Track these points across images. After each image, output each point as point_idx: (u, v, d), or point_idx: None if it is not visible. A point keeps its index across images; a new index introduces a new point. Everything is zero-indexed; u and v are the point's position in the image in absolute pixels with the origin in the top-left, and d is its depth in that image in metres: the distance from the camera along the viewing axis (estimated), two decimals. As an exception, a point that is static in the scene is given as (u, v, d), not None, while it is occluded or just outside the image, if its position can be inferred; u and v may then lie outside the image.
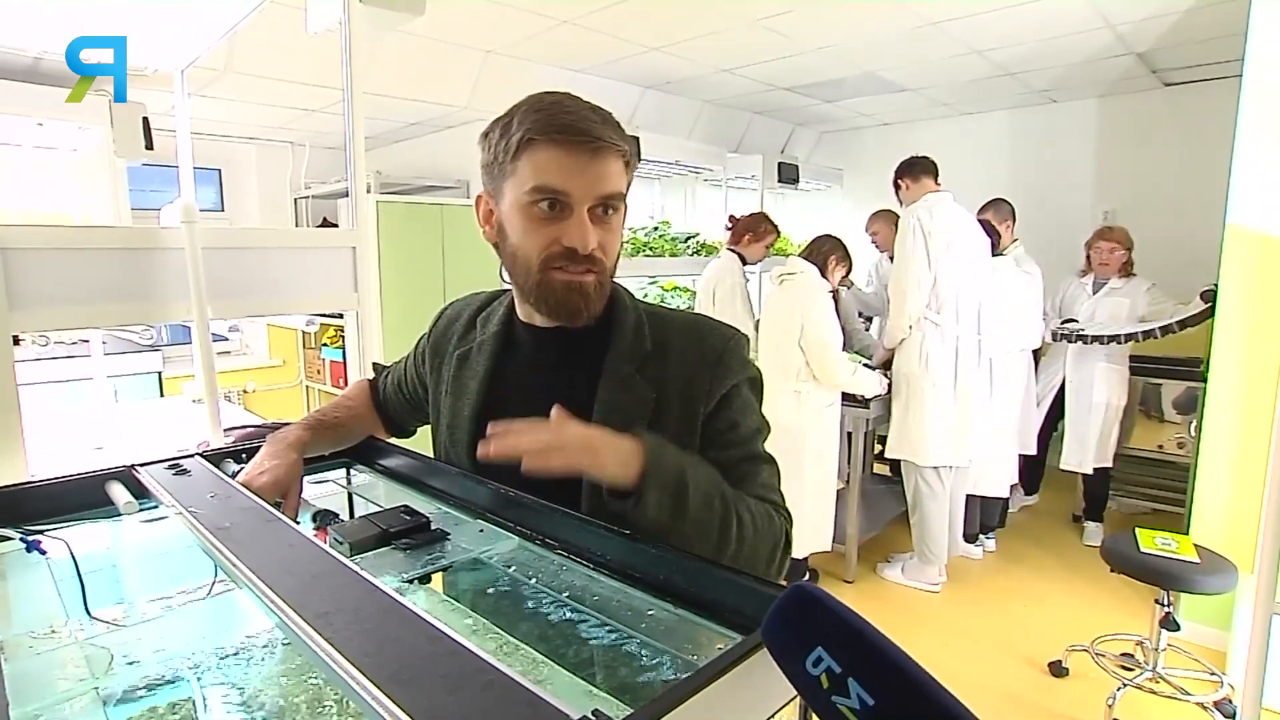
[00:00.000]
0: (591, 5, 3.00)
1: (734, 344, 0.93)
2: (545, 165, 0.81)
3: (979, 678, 2.61)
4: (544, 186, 0.81)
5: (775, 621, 0.44)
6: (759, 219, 3.80)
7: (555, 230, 0.83)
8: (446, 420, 1.01)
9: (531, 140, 0.81)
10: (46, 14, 2.11)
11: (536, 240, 0.84)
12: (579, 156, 0.81)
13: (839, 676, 0.38)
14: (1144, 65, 3.96)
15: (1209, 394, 2.75)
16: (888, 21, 3.26)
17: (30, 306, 1.47)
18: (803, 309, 2.98)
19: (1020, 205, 3.81)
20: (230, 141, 4.71)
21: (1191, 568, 2.30)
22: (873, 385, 3.18)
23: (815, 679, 0.39)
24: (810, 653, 0.40)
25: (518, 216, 0.85)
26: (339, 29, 1.90)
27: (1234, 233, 2.61)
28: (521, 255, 0.86)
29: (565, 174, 0.81)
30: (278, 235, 2.45)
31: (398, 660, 0.49)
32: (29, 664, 0.69)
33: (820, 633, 0.40)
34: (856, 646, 0.39)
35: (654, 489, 0.72)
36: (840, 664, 0.39)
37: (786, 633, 0.43)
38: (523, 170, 0.82)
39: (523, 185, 0.83)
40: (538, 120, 0.81)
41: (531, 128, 0.81)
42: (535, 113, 0.82)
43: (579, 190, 0.82)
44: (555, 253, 0.84)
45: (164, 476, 0.92)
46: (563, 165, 0.81)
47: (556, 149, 0.81)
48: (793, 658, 0.41)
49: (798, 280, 3.05)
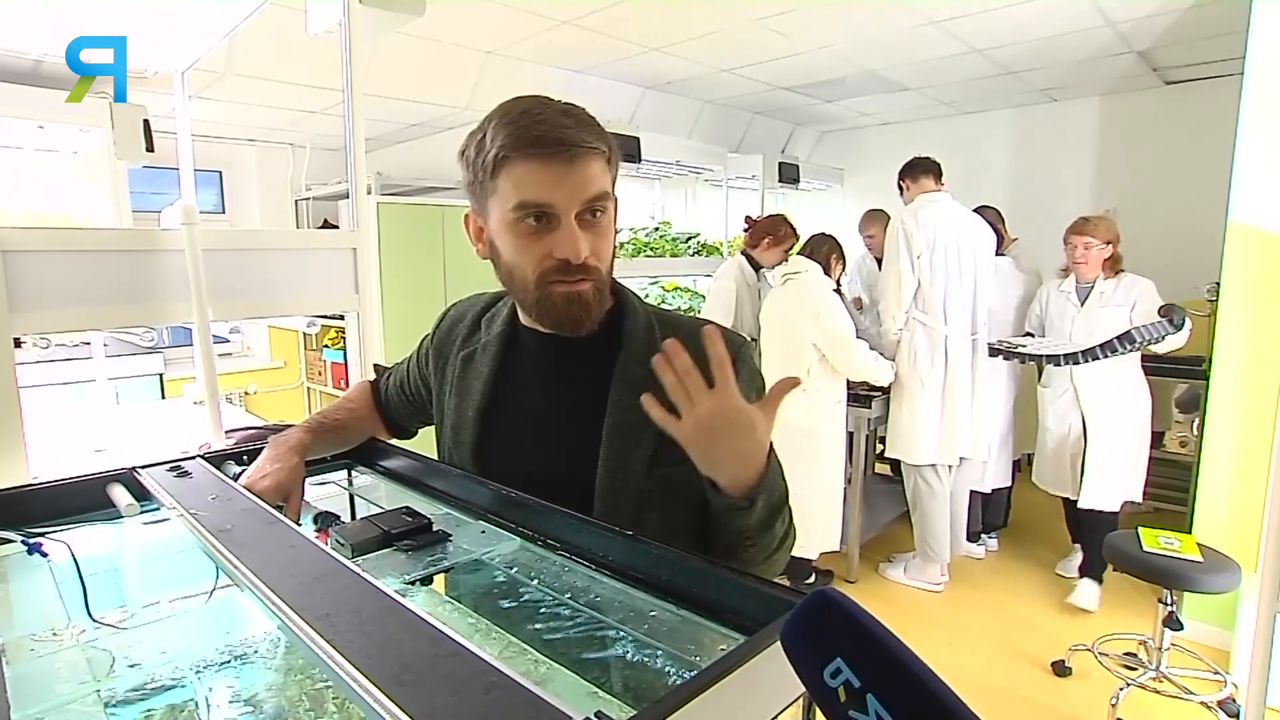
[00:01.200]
0: (591, 5, 2.99)
1: (744, 351, 0.93)
2: (524, 180, 0.80)
3: (982, 677, 2.61)
4: (526, 202, 0.81)
5: (795, 627, 0.42)
6: (779, 221, 3.57)
7: (545, 244, 0.83)
8: (451, 421, 1.00)
9: (506, 157, 0.80)
10: (47, 16, 2.11)
11: (528, 256, 0.84)
12: (556, 166, 0.80)
13: (858, 691, 0.37)
14: (1145, 64, 3.96)
15: (1211, 392, 2.74)
16: (888, 20, 3.25)
17: (31, 308, 1.47)
18: (814, 306, 2.98)
19: (1021, 204, 3.81)
20: (231, 143, 4.71)
21: (1194, 566, 2.29)
22: (889, 373, 3.18)
23: (833, 691, 0.38)
24: (829, 663, 0.38)
25: (506, 234, 0.84)
26: (339, 30, 1.90)
27: (1236, 231, 2.60)
28: (518, 272, 0.86)
29: (546, 186, 0.80)
30: (278, 237, 2.45)
31: (399, 662, 0.49)
32: (30, 666, 0.69)
33: (840, 643, 0.38)
34: (878, 660, 0.37)
35: (763, 499, 0.77)
36: (860, 677, 0.37)
37: (806, 640, 0.41)
38: (503, 187, 0.82)
39: (506, 203, 0.82)
40: (510, 134, 0.80)
41: (506, 144, 0.80)
42: (506, 126, 0.81)
43: (563, 199, 0.81)
44: (549, 267, 0.84)
45: (165, 479, 0.92)
46: (542, 178, 0.80)
47: (532, 162, 0.80)
48: (810, 666, 0.39)
49: (803, 279, 3.05)
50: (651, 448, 0.86)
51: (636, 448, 0.87)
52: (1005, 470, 3.63)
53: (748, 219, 3.79)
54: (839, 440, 3.12)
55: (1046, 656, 2.67)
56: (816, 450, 3.01)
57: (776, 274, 3.16)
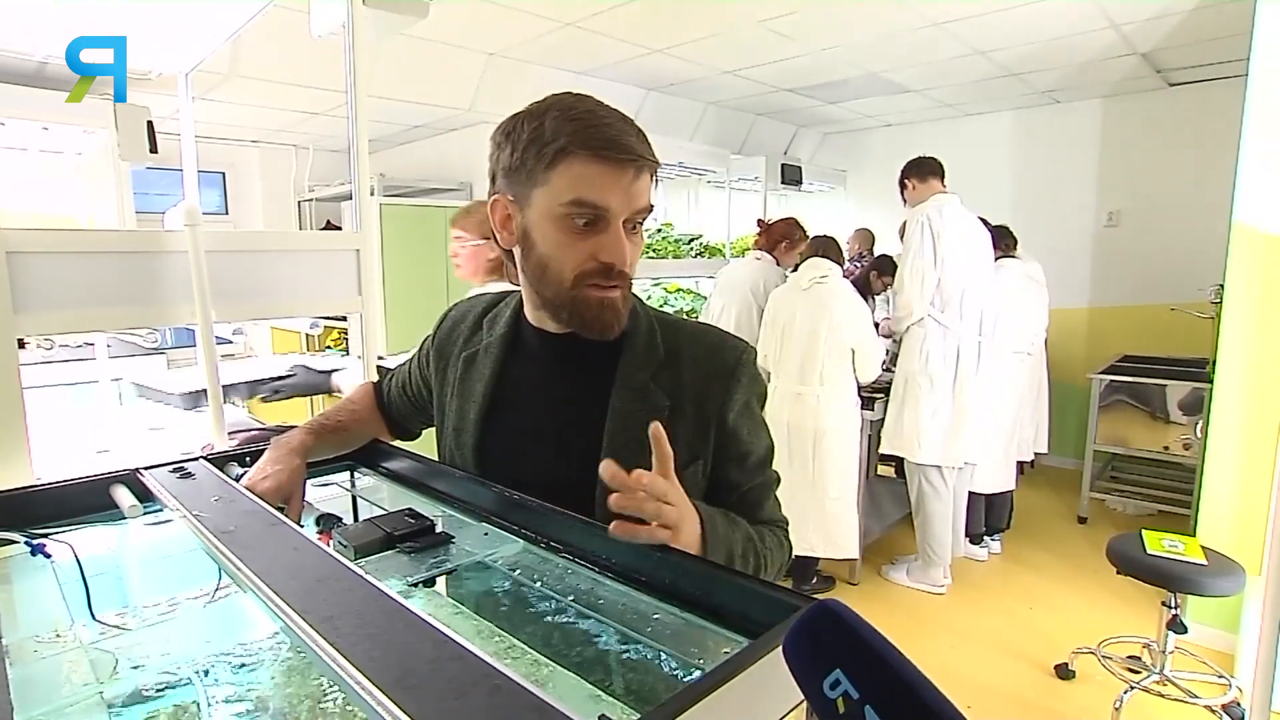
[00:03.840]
0: (594, 7, 3.00)
1: (747, 356, 0.94)
2: (586, 178, 0.80)
3: (985, 680, 2.60)
4: (584, 201, 0.80)
5: (796, 639, 0.42)
6: (793, 226, 3.68)
7: (591, 245, 0.82)
8: (452, 423, 1.00)
9: (571, 152, 0.80)
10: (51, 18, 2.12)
11: (572, 254, 0.83)
12: (620, 173, 0.80)
13: (856, 703, 0.37)
14: (1148, 65, 3.95)
15: (1215, 394, 2.73)
16: (891, 22, 3.25)
17: (35, 310, 1.47)
18: (848, 310, 3.01)
19: (1024, 206, 3.81)
20: (234, 145, 4.73)
21: (1198, 569, 2.29)
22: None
23: (831, 702, 0.38)
24: (828, 674, 0.38)
25: (550, 227, 0.83)
26: (343, 32, 1.91)
27: (1240, 232, 2.59)
28: (554, 267, 0.85)
29: (605, 189, 0.80)
30: (281, 238, 2.45)
31: (402, 665, 0.49)
32: (33, 668, 0.69)
33: (840, 654, 0.38)
34: (877, 672, 0.37)
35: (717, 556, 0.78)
36: (859, 689, 0.37)
37: (806, 650, 0.41)
38: (559, 181, 0.81)
39: (559, 196, 0.81)
40: (577, 131, 0.80)
41: (572, 139, 0.79)
42: (571, 121, 0.80)
43: (618, 205, 0.81)
44: (591, 269, 0.83)
45: (168, 480, 0.92)
46: (605, 181, 0.80)
47: (600, 164, 0.80)
48: (810, 677, 0.39)
49: (831, 283, 3.06)
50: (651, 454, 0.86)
51: (638, 451, 0.87)
52: (1010, 472, 3.62)
53: (760, 222, 3.81)
54: (854, 444, 3.10)
55: (1050, 660, 2.66)
56: (830, 454, 2.99)
57: (799, 277, 3.15)
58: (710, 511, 0.80)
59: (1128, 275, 4.63)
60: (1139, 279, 4.57)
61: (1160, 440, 3.87)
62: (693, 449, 0.89)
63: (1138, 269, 4.58)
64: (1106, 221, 4.70)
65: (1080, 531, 3.89)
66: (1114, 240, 4.68)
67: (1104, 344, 4.64)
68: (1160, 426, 3.86)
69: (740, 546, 0.83)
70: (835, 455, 3.00)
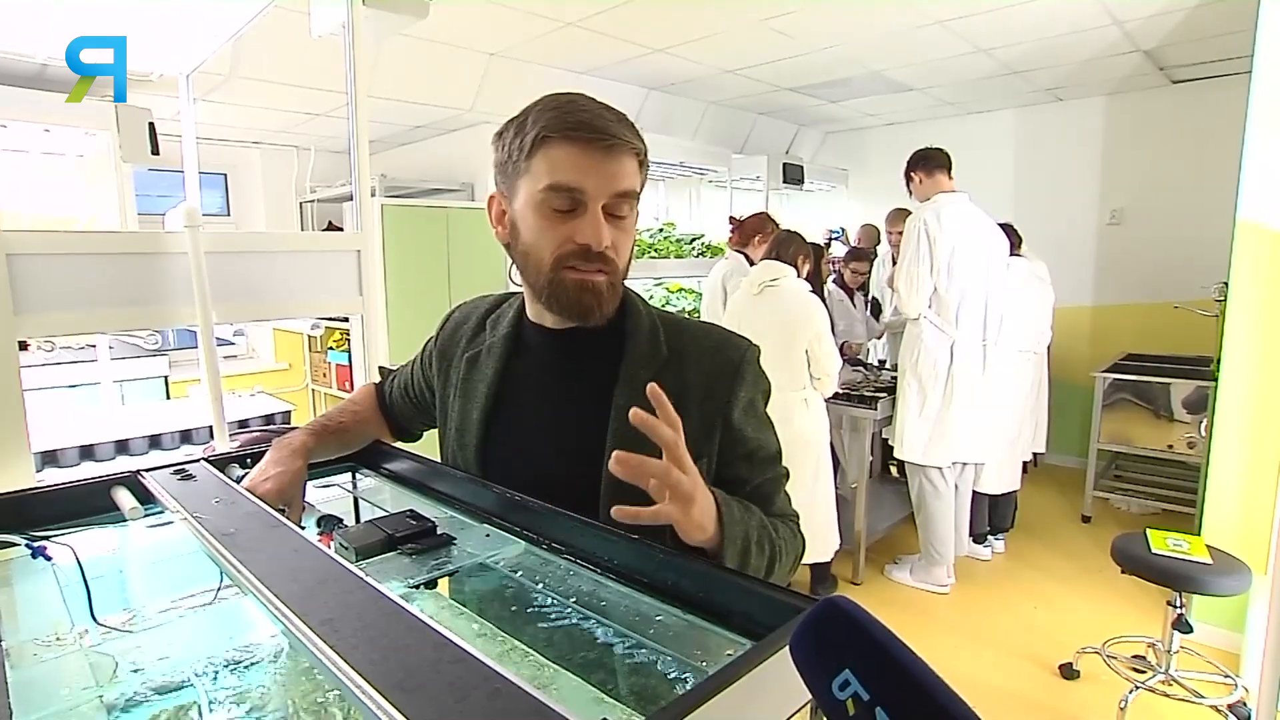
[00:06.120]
0: (595, 7, 2.99)
1: (750, 354, 0.93)
2: (560, 162, 0.81)
3: (989, 680, 2.59)
4: (558, 183, 0.81)
5: (802, 636, 0.40)
6: (765, 220, 3.66)
7: (569, 228, 0.83)
8: (455, 423, 1.00)
9: (546, 138, 0.81)
10: (52, 20, 2.12)
11: (549, 238, 0.84)
12: (594, 153, 0.81)
13: (866, 704, 0.35)
14: (1151, 62, 3.94)
15: (1220, 393, 2.72)
16: (893, 21, 3.24)
17: (37, 311, 1.47)
18: (802, 317, 2.81)
19: (1027, 205, 3.80)
20: (235, 146, 4.73)
21: (1204, 569, 2.28)
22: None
23: (840, 703, 0.36)
24: (838, 675, 0.36)
25: (531, 214, 0.84)
26: (343, 33, 1.91)
27: (1244, 230, 2.59)
28: (534, 253, 0.86)
29: (580, 170, 0.81)
30: (282, 239, 2.45)
31: (403, 667, 0.48)
32: (33, 671, 0.68)
33: (849, 653, 0.37)
34: (888, 673, 0.36)
35: (730, 553, 0.77)
36: (869, 691, 0.35)
37: (814, 650, 0.39)
38: (537, 167, 0.82)
39: (537, 183, 0.82)
40: (553, 118, 0.81)
41: (547, 125, 0.81)
42: (550, 111, 0.82)
43: (593, 187, 0.81)
44: (568, 251, 0.83)
45: (169, 482, 0.91)
46: (578, 162, 0.81)
47: (571, 145, 0.81)
48: (818, 677, 0.38)
49: (783, 286, 2.87)
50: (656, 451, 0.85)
51: (642, 450, 0.86)
52: (1015, 473, 3.61)
53: (732, 219, 3.81)
54: (821, 445, 2.95)
55: (1054, 659, 2.65)
56: (822, 458, 2.95)
57: (752, 282, 2.95)
58: (725, 496, 0.79)
59: (1131, 273, 4.61)
60: (1142, 277, 4.56)
61: (1164, 439, 3.85)
62: (698, 448, 0.88)
63: (1141, 267, 4.57)
64: (1110, 219, 4.69)
65: (1084, 531, 3.87)
66: (1117, 238, 4.67)
67: (1107, 342, 4.63)
68: (1164, 425, 3.85)
69: (756, 533, 0.81)
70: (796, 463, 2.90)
